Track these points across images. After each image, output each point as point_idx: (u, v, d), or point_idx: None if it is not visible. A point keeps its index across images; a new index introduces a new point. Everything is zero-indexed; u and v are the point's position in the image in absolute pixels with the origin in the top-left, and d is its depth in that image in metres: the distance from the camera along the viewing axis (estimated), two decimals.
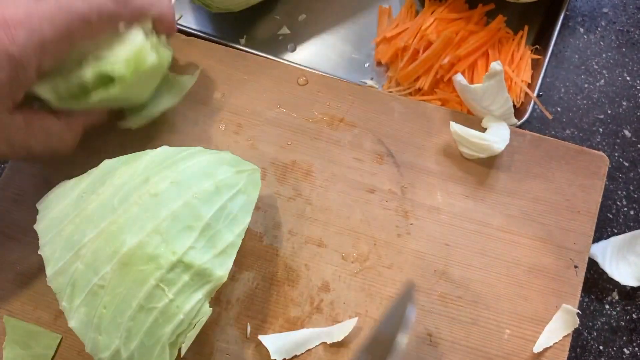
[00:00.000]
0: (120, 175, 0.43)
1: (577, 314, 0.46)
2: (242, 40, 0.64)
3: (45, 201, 0.45)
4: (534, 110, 0.58)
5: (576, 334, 0.52)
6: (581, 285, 0.47)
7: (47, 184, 0.51)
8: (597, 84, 0.61)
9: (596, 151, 0.51)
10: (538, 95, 0.58)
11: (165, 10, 0.48)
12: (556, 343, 0.46)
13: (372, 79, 0.62)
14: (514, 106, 0.57)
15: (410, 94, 0.60)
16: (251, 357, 0.46)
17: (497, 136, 0.50)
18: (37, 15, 0.38)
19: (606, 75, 0.61)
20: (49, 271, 0.41)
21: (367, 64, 0.63)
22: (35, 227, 0.44)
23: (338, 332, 0.46)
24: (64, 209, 0.43)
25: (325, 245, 0.49)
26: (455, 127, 0.50)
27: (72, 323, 0.40)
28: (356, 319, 0.46)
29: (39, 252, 0.42)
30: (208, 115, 0.54)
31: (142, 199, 0.40)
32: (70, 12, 0.40)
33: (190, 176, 0.42)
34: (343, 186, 0.51)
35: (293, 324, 0.47)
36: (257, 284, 0.48)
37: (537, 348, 0.45)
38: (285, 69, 0.55)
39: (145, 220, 0.40)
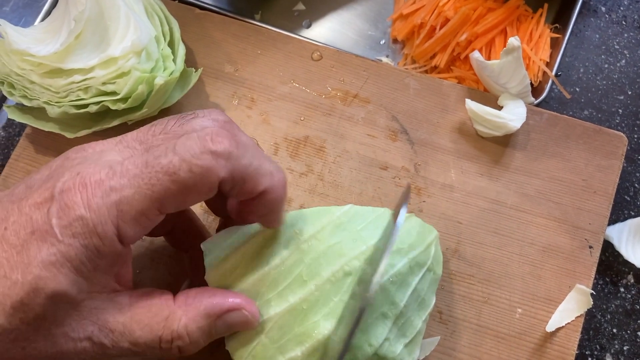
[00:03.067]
0: (305, 239, 0.39)
1: (591, 294, 0.45)
2: (257, 16, 0.64)
3: (212, 244, 0.39)
4: (551, 89, 0.57)
5: (589, 316, 0.51)
6: (595, 265, 0.47)
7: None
8: (618, 64, 0.59)
9: (614, 131, 0.50)
10: (556, 75, 0.57)
11: (274, 188, 0.36)
12: (568, 323, 0.45)
13: (387, 56, 0.61)
14: (532, 85, 0.56)
15: (426, 71, 0.59)
16: None
17: (513, 114, 0.49)
18: (119, 174, 0.32)
19: (627, 55, 0.60)
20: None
21: (383, 41, 0.62)
22: (206, 277, 0.39)
23: None
24: (237, 263, 0.39)
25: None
26: (470, 104, 0.50)
27: None
28: None
29: None
30: (221, 89, 0.54)
31: (336, 277, 0.37)
32: (154, 167, 0.32)
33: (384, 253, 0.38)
34: (355, 162, 0.51)
35: None
36: None
37: (550, 327, 0.45)
38: (299, 44, 0.55)
39: (339, 304, 0.36)
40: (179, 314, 0.35)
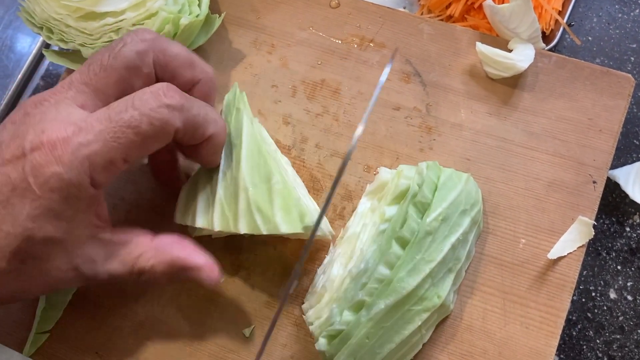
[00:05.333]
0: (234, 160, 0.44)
1: (593, 226, 0.47)
2: None
3: (180, 213, 0.46)
4: (563, 38, 0.58)
5: (594, 254, 0.53)
6: (599, 199, 0.48)
7: None
8: (632, 13, 0.60)
9: (622, 72, 0.51)
10: (569, 25, 0.58)
11: (219, 133, 0.42)
12: (570, 253, 0.47)
13: (404, 7, 0.63)
14: (544, 34, 0.58)
15: (441, 20, 0.61)
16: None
17: (521, 55, 0.51)
18: (85, 130, 0.36)
19: None
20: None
21: None
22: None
23: None
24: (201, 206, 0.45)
25: (350, 158, 0.52)
26: (480, 46, 0.52)
27: (320, 344, 0.42)
28: None
29: None
30: (243, 36, 0.57)
31: (417, 236, 0.42)
32: (118, 122, 0.36)
33: (455, 211, 0.43)
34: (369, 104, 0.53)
35: None
36: None
37: (552, 255, 0.46)
38: None
39: (422, 262, 0.41)
40: (149, 255, 0.40)
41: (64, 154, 0.35)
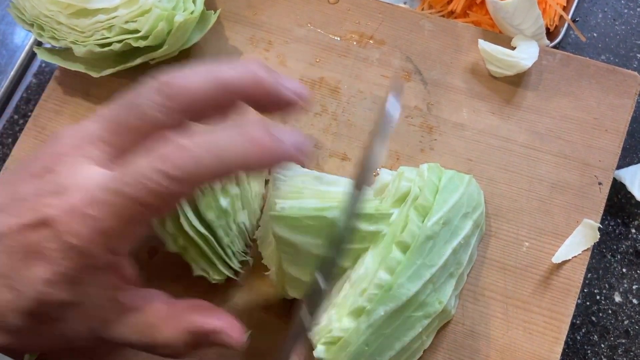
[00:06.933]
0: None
1: (602, 235, 0.45)
2: None
3: None
4: (567, 34, 0.57)
5: (599, 257, 0.52)
6: (604, 202, 0.47)
7: (88, 97, 0.55)
8: (638, 9, 0.59)
9: (628, 70, 0.50)
10: (574, 20, 0.57)
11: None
12: (575, 257, 0.46)
13: (405, 3, 0.62)
14: (547, 30, 0.56)
15: (442, 16, 0.59)
16: None
17: (525, 53, 0.50)
18: (97, 201, 0.34)
19: None
20: None
21: None
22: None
23: None
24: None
25: (349, 159, 0.50)
26: (483, 44, 0.50)
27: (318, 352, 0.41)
28: None
29: None
30: (240, 32, 0.55)
31: (417, 241, 0.40)
32: (123, 194, 0.33)
33: (457, 215, 0.42)
34: (369, 103, 0.52)
35: None
36: None
37: (557, 259, 0.45)
38: None
39: (422, 267, 0.40)
40: (162, 326, 0.37)
41: (82, 227, 0.33)
